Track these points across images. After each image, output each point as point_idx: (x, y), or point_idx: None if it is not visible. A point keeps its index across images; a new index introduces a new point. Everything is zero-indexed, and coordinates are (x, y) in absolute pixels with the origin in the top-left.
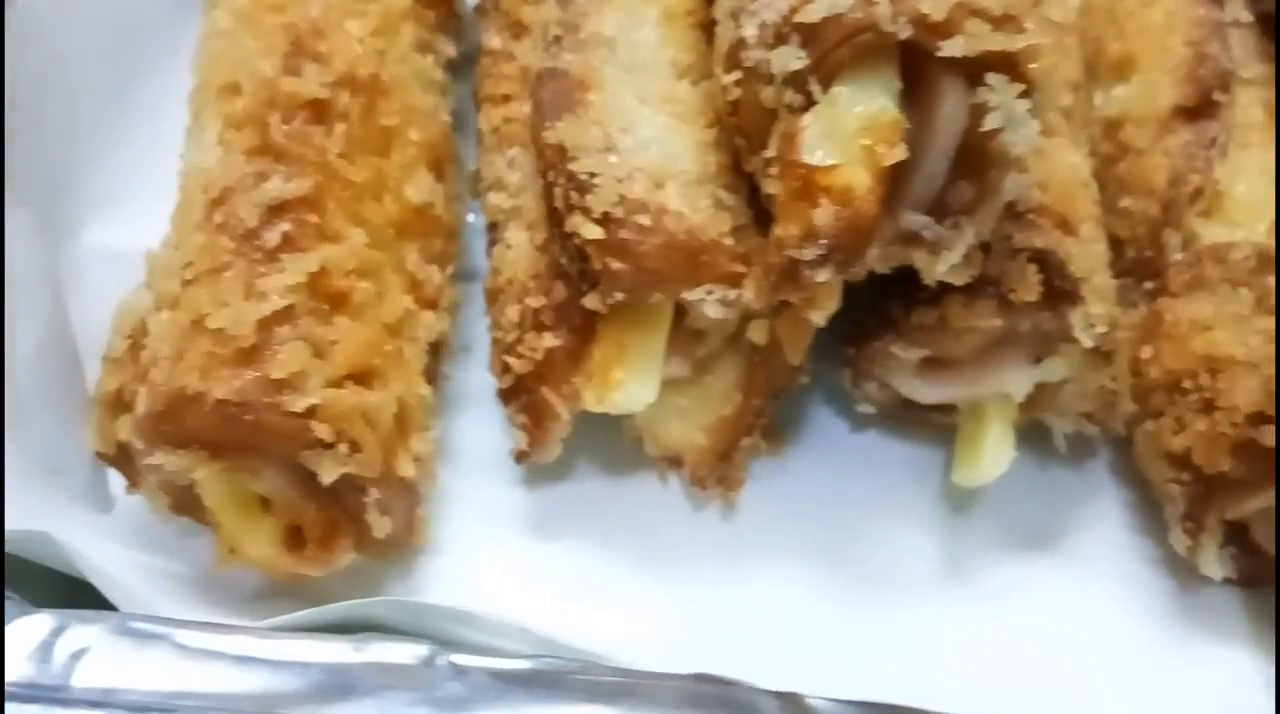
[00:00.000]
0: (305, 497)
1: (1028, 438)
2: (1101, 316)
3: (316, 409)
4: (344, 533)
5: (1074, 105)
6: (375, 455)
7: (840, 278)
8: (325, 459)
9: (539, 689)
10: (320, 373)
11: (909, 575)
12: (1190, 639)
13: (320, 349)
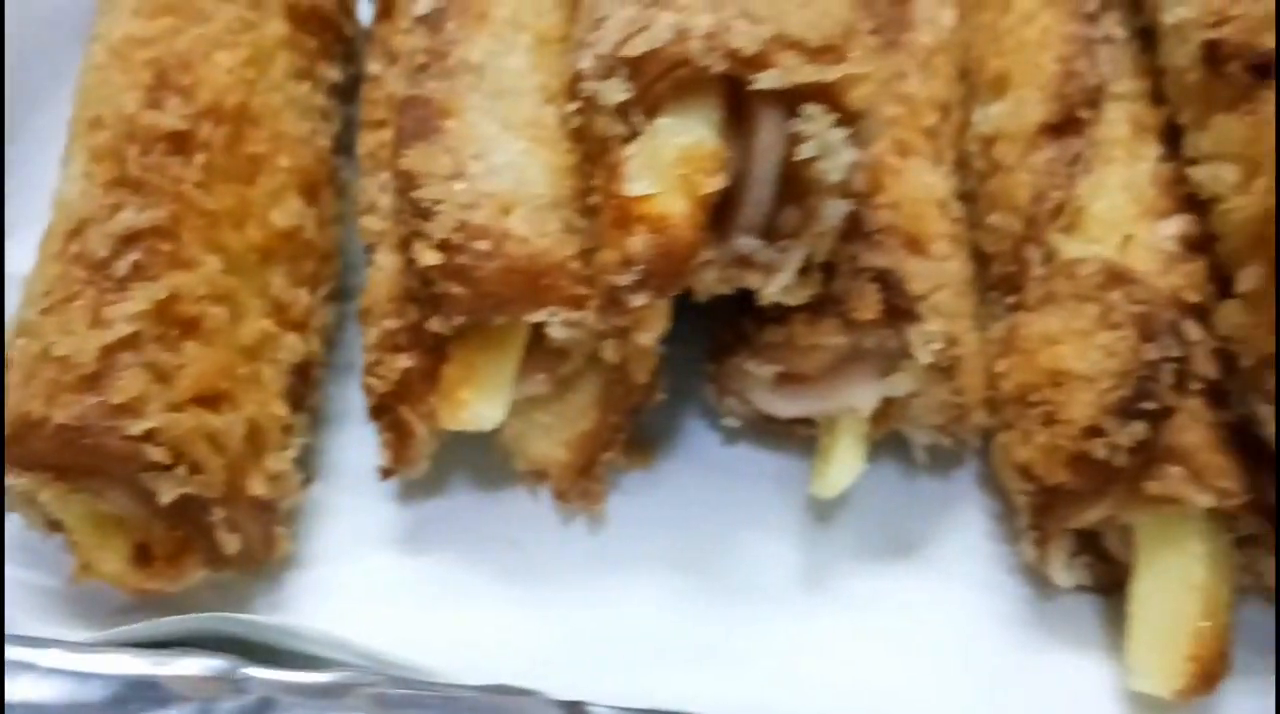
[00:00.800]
0: (153, 515)
1: (894, 449)
2: (937, 334)
3: (155, 432)
4: (193, 550)
5: (940, 124)
6: (217, 476)
7: (663, 302)
8: (163, 480)
9: (328, 700)
10: (161, 397)
11: (771, 584)
12: (1044, 645)
13: (165, 374)
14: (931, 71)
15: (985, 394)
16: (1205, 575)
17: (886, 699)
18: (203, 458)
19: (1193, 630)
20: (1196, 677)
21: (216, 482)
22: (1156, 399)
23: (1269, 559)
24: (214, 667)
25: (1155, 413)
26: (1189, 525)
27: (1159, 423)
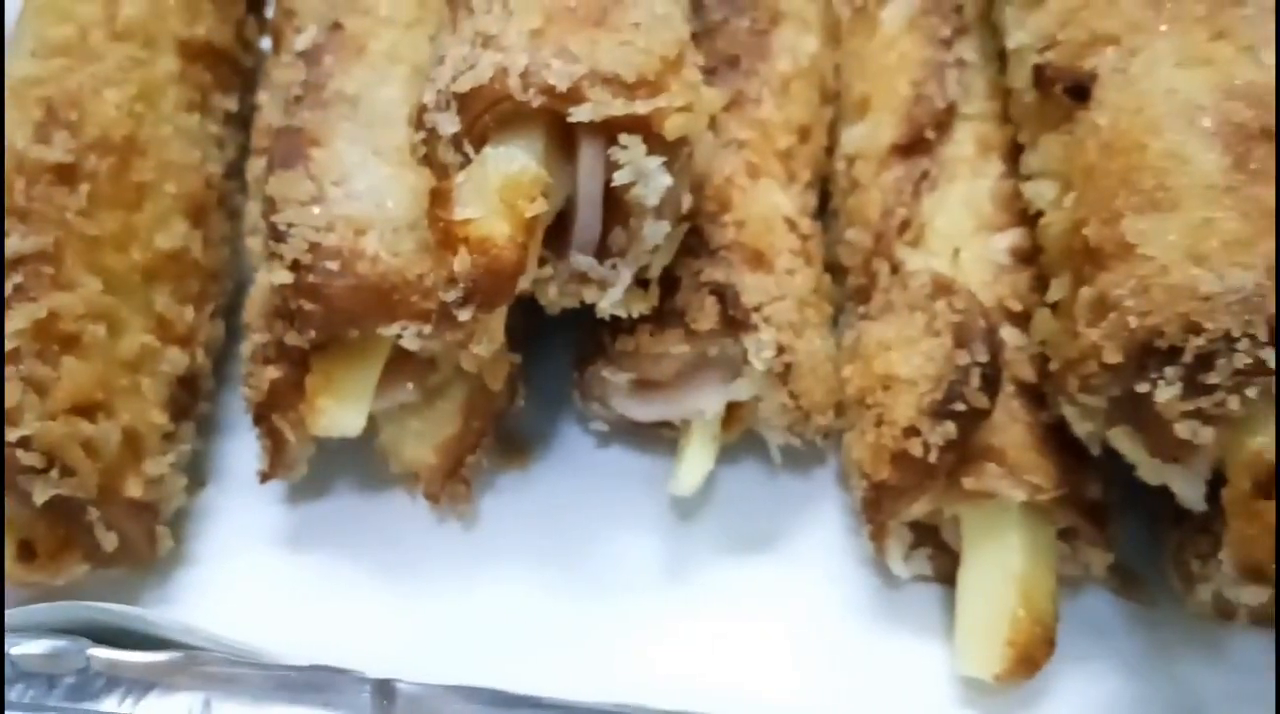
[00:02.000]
0: (34, 514)
1: (758, 450)
2: (769, 342)
3: (29, 439)
4: (74, 547)
5: (796, 146)
6: (90, 479)
7: (495, 316)
8: (37, 482)
9: (164, 677)
10: (38, 407)
11: (634, 578)
12: (889, 632)
13: (41, 386)
14: (789, 97)
15: (835, 398)
16: (1023, 565)
17: (737, 684)
18: (76, 462)
19: (1011, 617)
20: (1015, 661)
21: (90, 484)
22: (965, 401)
23: (1094, 550)
24: (59, 647)
25: (964, 414)
26: (1007, 518)
27: (971, 423)
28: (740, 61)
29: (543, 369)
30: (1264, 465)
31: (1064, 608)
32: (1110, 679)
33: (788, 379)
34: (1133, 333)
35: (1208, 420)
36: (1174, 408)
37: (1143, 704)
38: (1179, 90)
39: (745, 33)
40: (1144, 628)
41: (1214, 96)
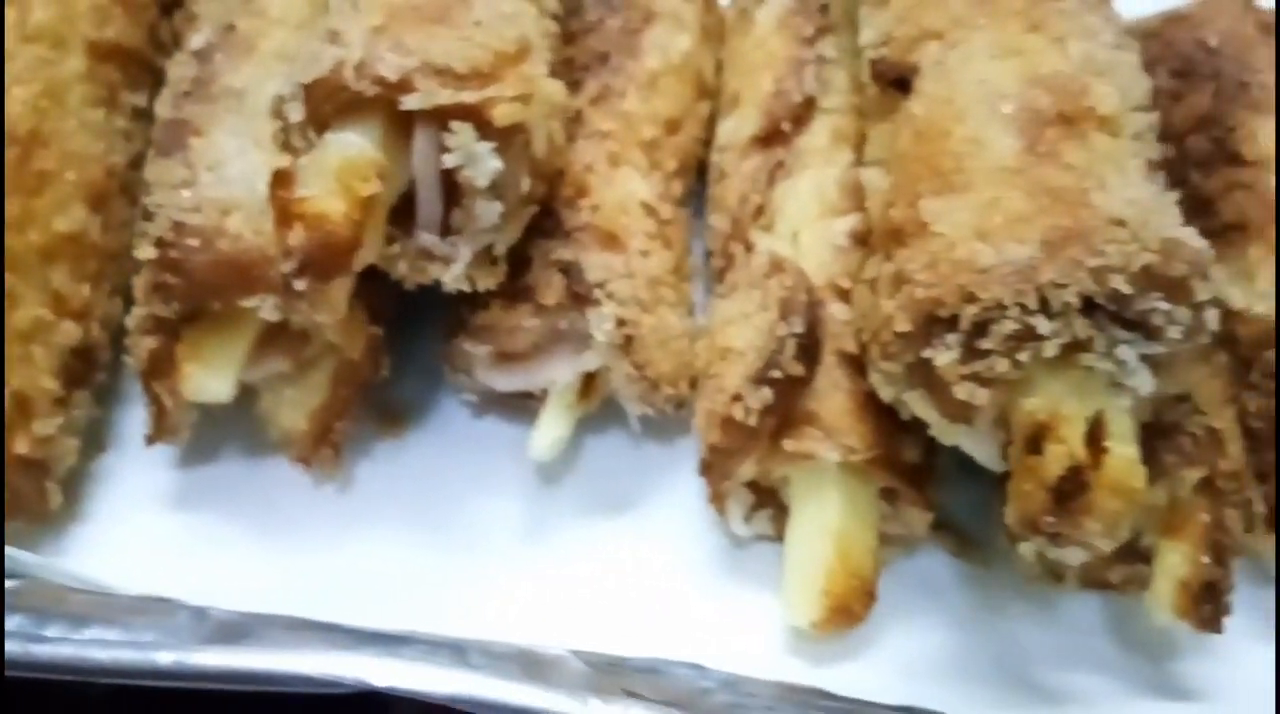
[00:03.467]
0: None
1: (622, 419)
2: (609, 316)
3: None
4: None
5: (662, 138)
6: None
7: (337, 288)
8: None
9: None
10: None
11: (498, 539)
12: (732, 588)
13: None
14: (656, 91)
15: (689, 371)
16: (840, 521)
17: (586, 638)
18: None
19: (826, 569)
20: (831, 610)
21: None
22: (782, 369)
23: (914, 510)
24: None
25: (781, 381)
26: (826, 478)
27: (788, 390)
28: (610, 58)
29: (423, 343)
30: (1035, 424)
31: (899, 566)
32: (937, 633)
33: (630, 351)
34: (919, 303)
35: (984, 383)
36: (953, 371)
37: (967, 657)
38: (988, 80)
39: (617, 31)
40: (977, 587)
41: (1018, 85)
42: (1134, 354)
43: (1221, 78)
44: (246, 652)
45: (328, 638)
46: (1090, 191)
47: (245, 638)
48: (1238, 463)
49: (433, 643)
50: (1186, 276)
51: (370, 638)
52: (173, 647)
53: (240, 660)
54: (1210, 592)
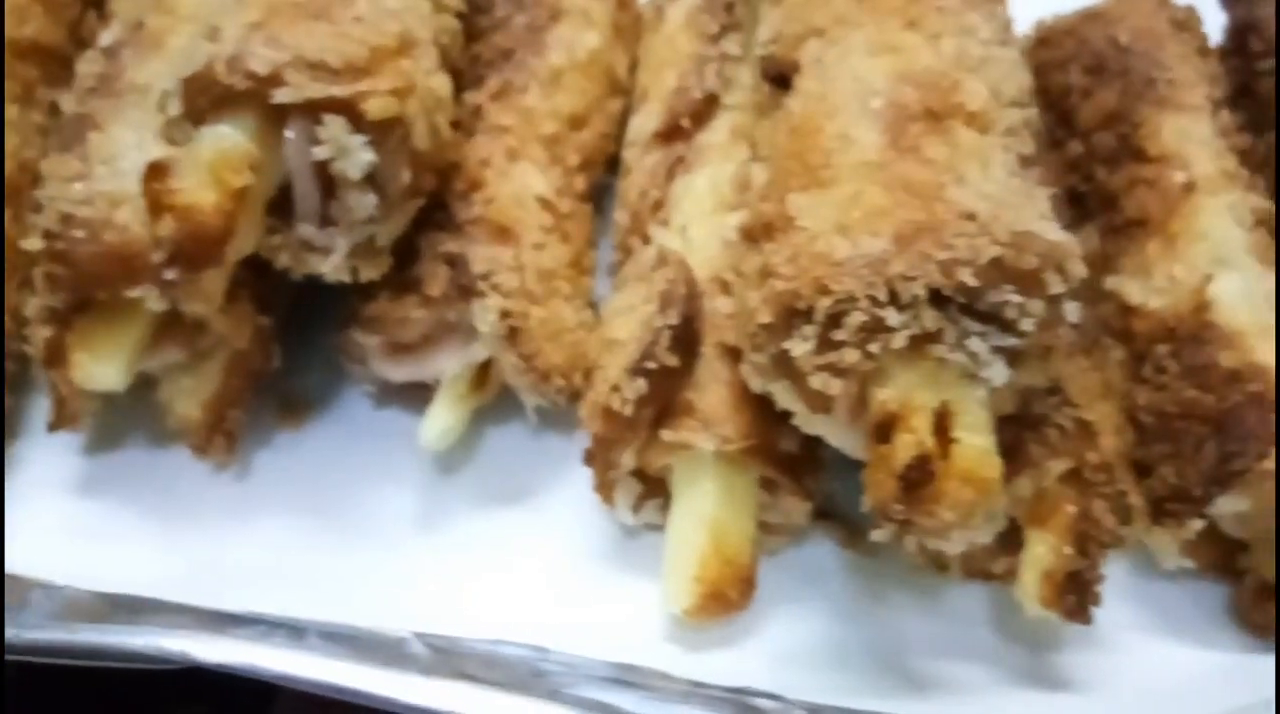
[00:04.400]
0: None
1: (523, 411)
2: (492, 308)
3: None
4: None
5: (565, 133)
6: None
7: (212, 278)
8: None
9: None
10: None
11: (391, 528)
12: (620, 577)
13: None
14: (560, 88)
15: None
16: (715, 510)
17: (473, 622)
18: None
19: (699, 557)
20: (704, 597)
21: None
22: (656, 360)
23: (793, 499)
24: None
25: (655, 372)
26: (703, 467)
27: (662, 380)
28: (515, 54)
29: (327, 335)
30: (886, 414)
31: (786, 555)
32: (818, 621)
33: (516, 343)
34: (779, 296)
35: (838, 373)
36: (809, 362)
37: (844, 646)
38: (862, 77)
39: (523, 28)
40: (863, 576)
41: (888, 82)
42: (986, 346)
43: (1130, 74)
44: (81, 627)
45: (168, 617)
46: (946, 186)
47: (87, 615)
48: (1109, 455)
49: (273, 623)
50: (1038, 269)
51: (210, 617)
52: (15, 622)
53: (71, 635)
54: (1075, 583)
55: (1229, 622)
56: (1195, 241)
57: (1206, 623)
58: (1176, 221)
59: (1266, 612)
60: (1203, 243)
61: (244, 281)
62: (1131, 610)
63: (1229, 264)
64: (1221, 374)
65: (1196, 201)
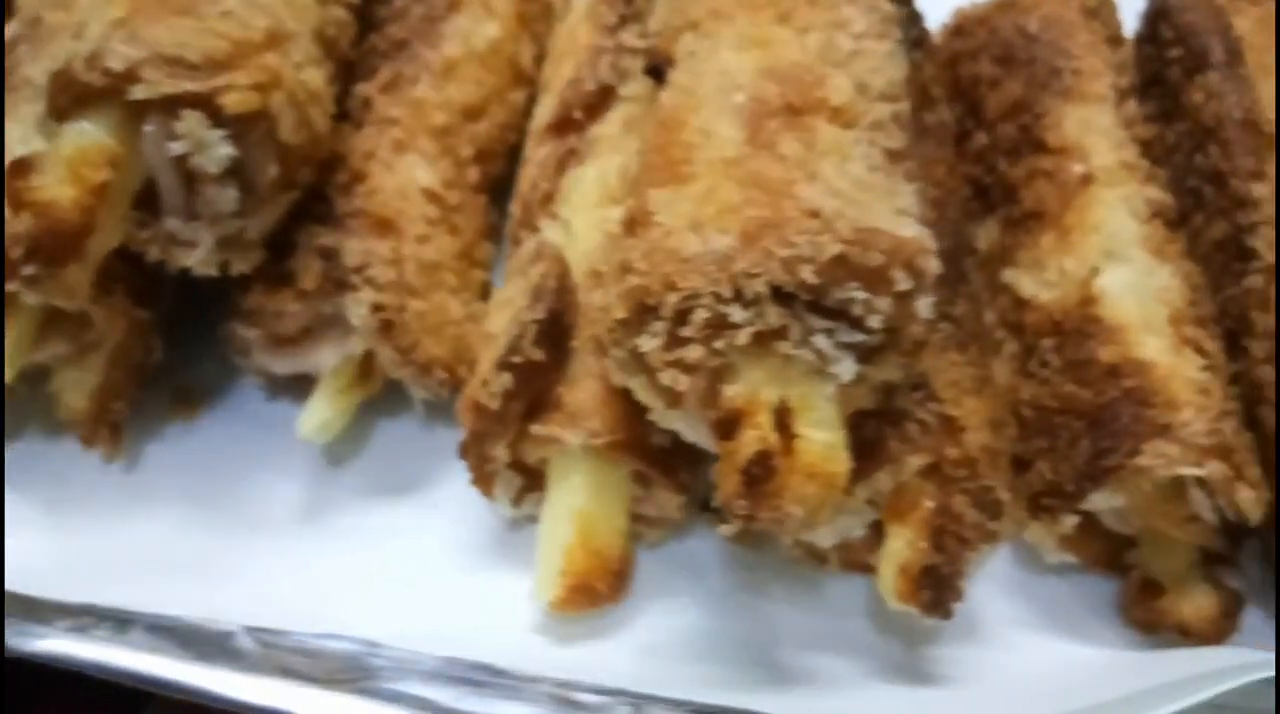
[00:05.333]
0: None
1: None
2: (364, 301)
3: None
4: None
5: (458, 124)
6: None
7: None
8: None
9: None
10: None
11: (278, 519)
12: (500, 569)
13: None
14: (454, 79)
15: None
16: (584, 502)
17: (349, 612)
18: None
19: (566, 550)
20: (569, 589)
21: None
22: (521, 354)
23: (665, 493)
24: None
25: (520, 366)
26: (573, 461)
27: (528, 374)
28: (408, 45)
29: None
30: (731, 410)
31: (668, 548)
32: (691, 613)
33: (392, 336)
34: (631, 291)
35: (686, 369)
36: (659, 358)
37: (716, 639)
38: (728, 71)
39: (419, 19)
40: (743, 569)
41: (753, 77)
42: (832, 343)
43: (1036, 64)
44: None
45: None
46: (796, 183)
47: None
48: (974, 451)
49: (102, 614)
50: (884, 266)
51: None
52: None
53: None
54: (932, 578)
55: (1115, 617)
56: (1088, 234)
57: (1092, 618)
58: (1071, 214)
59: (1149, 609)
60: (1095, 235)
61: (119, 275)
62: (1015, 604)
63: (1119, 257)
64: (1100, 369)
65: (1092, 193)
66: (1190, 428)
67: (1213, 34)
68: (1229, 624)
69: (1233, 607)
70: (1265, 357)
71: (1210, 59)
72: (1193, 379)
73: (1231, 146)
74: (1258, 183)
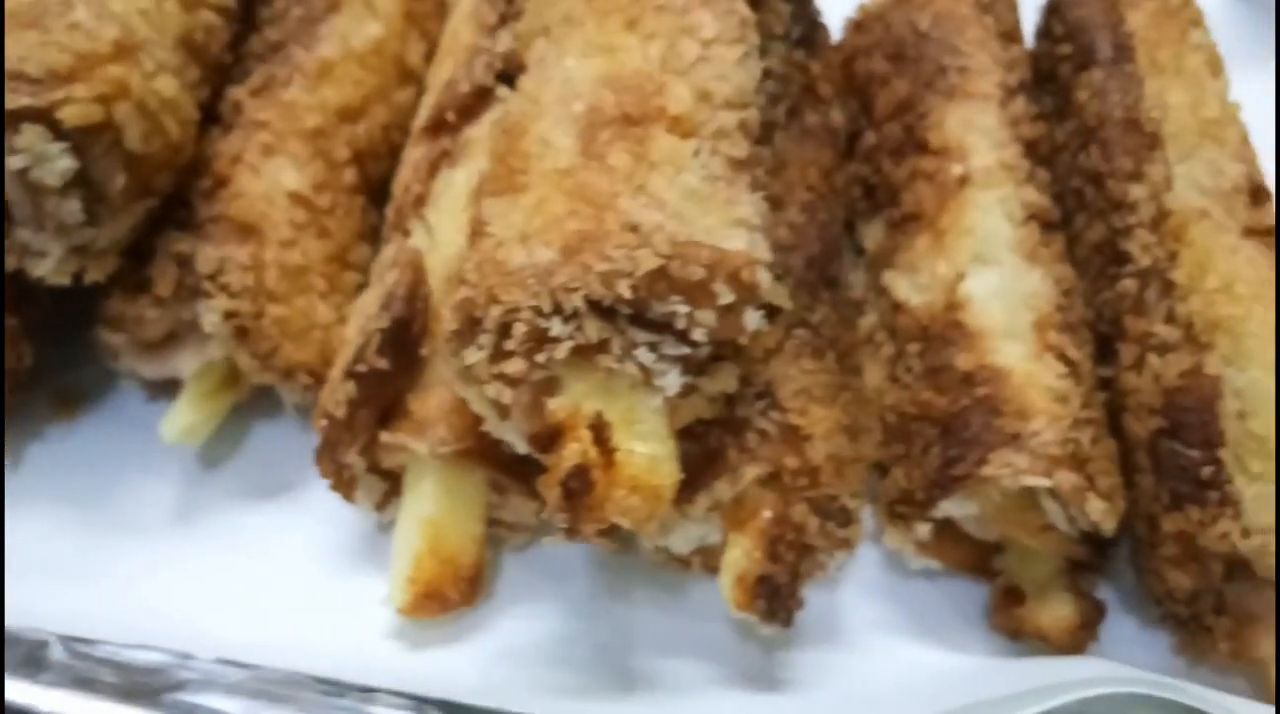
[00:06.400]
0: None
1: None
2: (217, 308)
3: None
4: None
5: (334, 126)
6: None
7: None
8: None
9: None
10: None
11: (151, 520)
12: (365, 573)
13: None
14: (330, 80)
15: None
16: (433, 510)
17: (211, 616)
18: None
19: (414, 557)
20: (418, 596)
21: None
22: (365, 363)
23: (521, 500)
24: None
25: (364, 375)
26: (424, 468)
27: (372, 383)
28: (283, 47)
29: None
30: (552, 423)
31: (535, 552)
32: (553, 618)
33: (249, 341)
34: (461, 303)
35: (510, 382)
36: (482, 371)
37: (572, 642)
38: (572, 80)
39: (297, 20)
40: (609, 572)
41: (593, 85)
42: (655, 356)
43: (924, 62)
44: None
45: None
46: (620, 196)
47: None
48: (817, 459)
49: None
50: (705, 280)
51: None
52: None
53: None
54: (767, 586)
55: (983, 623)
56: (961, 237)
57: (960, 623)
58: (946, 216)
59: (1010, 616)
60: (968, 238)
61: None
62: (882, 609)
63: (988, 261)
64: (956, 376)
65: (967, 196)
66: (1040, 437)
67: (1101, 29)
68: (1086, 635)
69: (1092, 617)
70: (1132, 363)
71: (1097, 56)
72: (1050, 387)
73: (1111, 147)
74: (1135, 184)
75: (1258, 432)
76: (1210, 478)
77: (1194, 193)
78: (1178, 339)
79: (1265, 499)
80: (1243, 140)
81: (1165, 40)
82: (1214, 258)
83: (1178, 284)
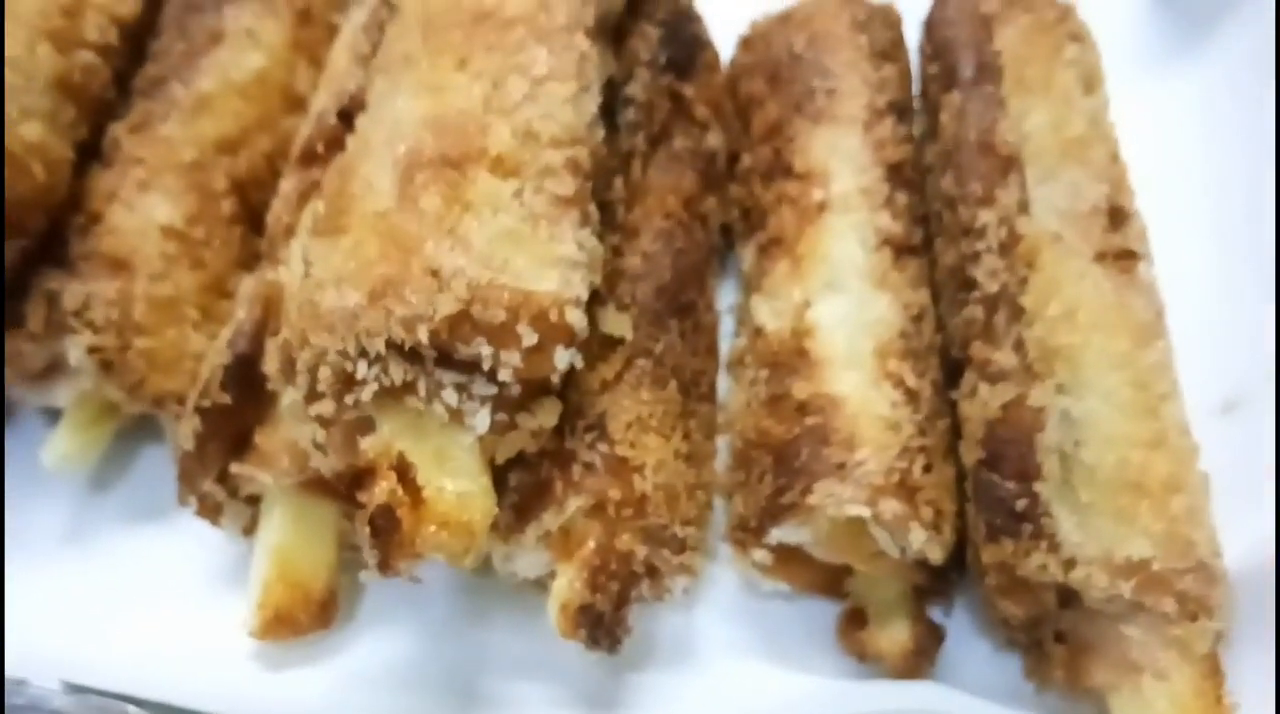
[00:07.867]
0: None
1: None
2: (79, 343)
3: None
4: None
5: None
6: None
7: None
8: None
9: None
10: None
11: (37, 541)
12: (236, 594)
13: None
14: (208, 112)
15: None
16: (281, 537)
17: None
18: None
19: (264, 583)
20: (268, 621)
21: None
22: (209, 397)
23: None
24: None
25: (208, 410)
26: (274, 497)
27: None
28: (164, 83)
29: None
30: (361, 464)
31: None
32: (406, 641)
33: (115, 374)
34: (280, 346)
35: (323, 423)
36: (299, 411)
37: (423, 664)
38: (400, 120)
39: (179, 55)
40: (469, 595)
41: (416, 126)
42: (462, 396)
43: (795, 84)
44: None
45: None
46: (425, 240)
47: None
48: (645, 489)
49: None
50: (508, 322)
51: None
52: None
53: None
54: (589, 616)
55: (834, 645)
56: (816, 263)
57: (810, 645)
58: (804, 242)
59: (853, 638)
60: (822, 265)
61: None
62: (735, 631)
63: (838, 287)
64: (792, 404)
65: (824, 221)
66: (864, 467)
67: (966, 49)
68: (922, 660)
69: (928, 643)
70: (969, 391)
71: (959, 77)
72: (881, 416)
73: (964, 170)
74: (984, 209)
75: (1088, 461)
76: (1025, 510)
77: (1051, 216)
78: (1014, 367)
79: (1093, 529)
80: (1110, 159)
81: (1035, 57)
82: (1061, 284)
83: (1026, 310)
